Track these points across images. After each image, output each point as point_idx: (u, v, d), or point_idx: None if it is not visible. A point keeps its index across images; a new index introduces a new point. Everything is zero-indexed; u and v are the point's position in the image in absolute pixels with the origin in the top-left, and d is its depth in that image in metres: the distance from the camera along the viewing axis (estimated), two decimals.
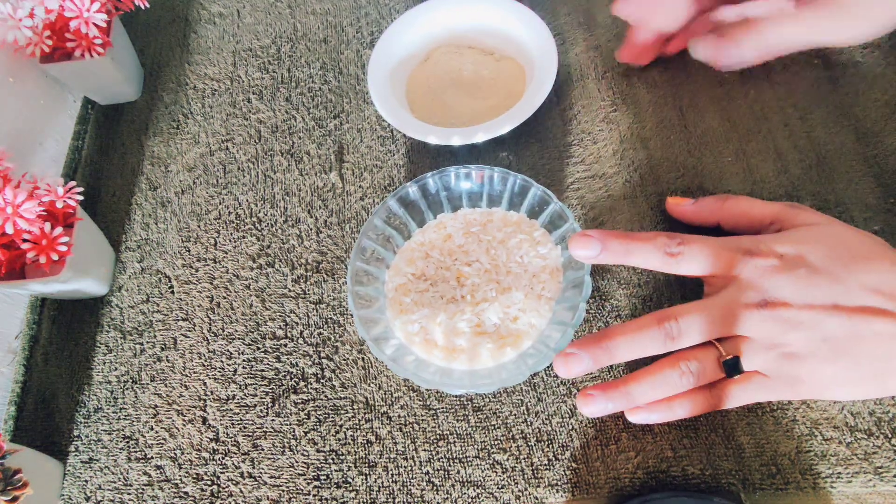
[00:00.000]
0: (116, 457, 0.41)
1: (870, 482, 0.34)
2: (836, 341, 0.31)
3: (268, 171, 0.50)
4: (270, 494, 0.39)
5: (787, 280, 0.32)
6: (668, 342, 0.33)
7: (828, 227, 0.34)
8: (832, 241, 0.33)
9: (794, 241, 0.33)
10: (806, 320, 0.31)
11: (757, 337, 0.32)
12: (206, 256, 0.47)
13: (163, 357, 0.44)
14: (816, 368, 0.31)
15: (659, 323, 0.33)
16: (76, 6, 0.46)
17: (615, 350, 0.33)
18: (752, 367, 0.32)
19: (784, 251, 0.33)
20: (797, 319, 0.31)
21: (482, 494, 0.37)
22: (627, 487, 0.35)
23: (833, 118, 0.44)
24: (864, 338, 0.30)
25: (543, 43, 0.46)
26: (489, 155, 0.47)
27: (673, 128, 0.46)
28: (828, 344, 0.31)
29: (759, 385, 0.33)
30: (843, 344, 0.31)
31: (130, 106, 0.55)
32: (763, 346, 0.32)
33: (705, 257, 0.33)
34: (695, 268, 0.34)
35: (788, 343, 0.31)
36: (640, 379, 0.34)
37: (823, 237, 0.33)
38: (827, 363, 0.31)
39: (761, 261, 0.32)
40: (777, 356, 0.32)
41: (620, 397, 0.34)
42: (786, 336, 0.31)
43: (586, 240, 0.34)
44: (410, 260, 0.41)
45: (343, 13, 0.56)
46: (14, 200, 0.38)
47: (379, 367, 0.41)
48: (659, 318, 0.33)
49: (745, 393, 0.33)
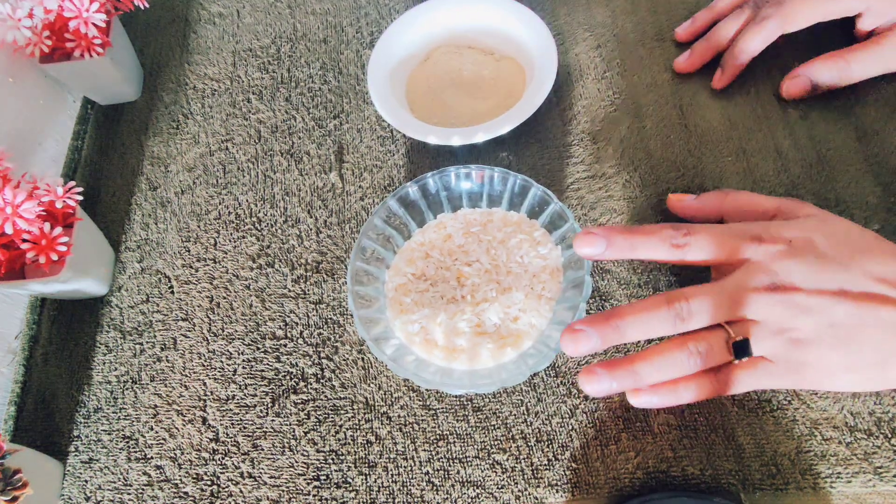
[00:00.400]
0: (116, 457, 0.41)
1: (870, 482, 0.34)
2: (842, 328, 0.31)
3: (268, 171, 0.49)
4: (270, 494, 0.39)
5: (797, 264, 0.32)
6: (677, 322, 0.32)
7: (832, 218, 0.34)
8: (836, 231, 0.33)
9: (800, 228, 0.33)
10: (814, 305, 0.31)
11: (765, 321, 0.32)
12: (206, 256, 0.47)
13: (163, 357, 0.44)
14: (822, 355, 0.31)
15: (668, 303, 0.32)
16: (75, 6, 0.46)
17: (625, 328, 0.32)
18: (759, 351, 0.32)
19: (792, 236, 0.33)
20: (806, 304, 0.31)
21: (482, 494, 0.37)
22: (627, 487, 0.35)
23: (833, 117, 0.44)
24: (869, 325, 0.31)
25: (543, 43, 0.46)
26: (489, 155, 0.47)
27: (673, 128, 0.46)
28: (834, 330, 0.31)
29: (765, 371, 0.33)
30: (849, 331, 0.31)
31: (130, 106, 0.55)
32: (771, 330, 0.32)
33: (712, 244, 0.33)
34: (702, 256, 0.34)
35: (796, 328, 0.31)
36: (648, 358, 0.33)
37: (828, 227, 0.33)
38: (832, 350, 0.31)
39: (770, 246, 0.32)
40: (784, 341, 0.32)
41: (626, 376, 0.33)
42: (794, 321, 0.31)
43: (590, 237, 0.34)
44: (410, 260, 0.41)
45: (343, 13, 0.56)
46: (14, 200, 0.38)
47: (379, 367, 0.41)
48: (668, 299, 0.32)
49: (751, 378, 0.33)
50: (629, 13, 0.51)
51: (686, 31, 0.48)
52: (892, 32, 0.41)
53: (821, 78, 0.43)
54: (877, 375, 0.32)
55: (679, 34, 0.49)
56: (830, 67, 0.42)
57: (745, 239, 0.33)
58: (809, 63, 0.43)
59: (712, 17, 0.47)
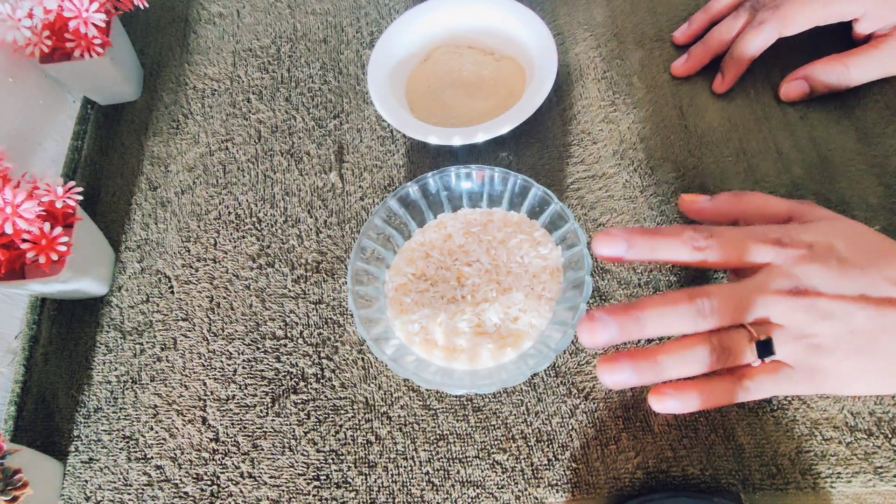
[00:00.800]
0: (116, 457, 0.41)
1: (870, 482, 0.34)
2: (861, 334, 0.31)
3: (268, 171, 0.49)
4: (270, 494, 0.39)
5: (819, 269, 0.31)
6: (698, 319, 0.32)
7: (847, 222, 0.34)
8: (853, 235, 0.33)
9: (820, 232, 0.33)
10: (836, 311, 0.31)
11: (787, 325, 0.32)
12: (206, 256, 0.47)
13: (163, 357, 0.44)
14: (841, 361, 0.31)
15: (690, 299, 0.32)
16: (75, 6, 0.46)
17: (646, 321, 0.32)
18: (780, 355, 0.32)
19: (812, 240, 0.32)
20: (828, 310, 0.31)
21: (482, 494, 0.37)
22: (627, 487, 0.35)
23: (833, 118, 0.44)
24: (889, 331, 0.30)
25: (543, 43, 0.46)
26: (489, 155, 0.47)
27: (673, 128, 0.46)
28: (853, 337, 0.31)
29: (786, 377, 0.32)
30: (869, 336, 0.31)
31: (130, 106, 0.55)
32: (792, 335, 0.32)
33: (733, 248, 0.33)
34: (723, 258, 0.33)
35: (817, 334, 0.31)
36: (671, 350, 0.32)
37: (847, 231, 0.33)
38: (851, 356, 0.31)
39: (791, 250, 0.32)
40: (805, 347, 0.31)
41: (649, 368, 0.32)
42: (815, 326, 0.31)
43: (610, 238, 0.33)
44: (411, 260, 0.41)
45: (343, 13, 0.56)
46: (14, 200, 0.38)
47: (379, 367, 0.41)
48: (690, 294, 0.32)
49: (773, 384, 0.32)
50: (629, 13, 0.51)
51: (684, 34, 0.48)
52: (890, 37, 0.41)
53: (819, 81, 0.43)
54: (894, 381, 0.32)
55: (677, 38, 0.49)
56: (829, 71, 0.43)
57: (767, 242, 0.33)
58: (808, 66, 0.43)
59: (709, 19, 0.47)
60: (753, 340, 0.32)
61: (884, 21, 0.41)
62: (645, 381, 0.32)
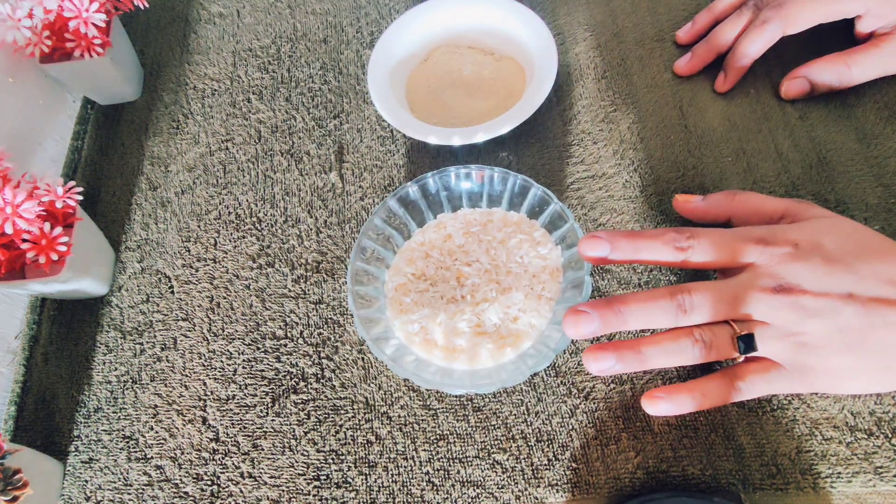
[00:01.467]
0: (116, 457, 0.41)
1: (870, 482, 0.34)
2: (850, 331, 0.31)
3: (268, 171, 0.49)
4: (270, 494, 0.39)
5: (803, 267, 0.32)
6: (679, 314, 0.32)
7: (839, 220, 0.34)
8: (844, 233, 0.33)
9: (807, 230, 0.33)
10: (822, 308, 0.31)
11: (773, 323, 0.32)
12: (206, 256, 0.47)
13: (163, 357, 0.44)
14: (830, 359, 0.31)
15: (671, 295, 0.32)
16: (75, 6, 0.46)
17: (627, 314, 0.33)
18: (766, 352, 0.32)
19: (798, 239, 0.33)
20: (814, 307, 0.31)
21: (482, 494, 0.37)
22: (627, 487, 0.35)
23: (833, 118, 0.44)
24: (878, 328, 0.30)
25: (543, 43, 0.46)
26: (489, 155, 0.47)
27: (673, 128, 0.46)
28: (842, 334, 0.31)
29: (777, 375, 0.33)
30: (858, 334, 0.31)
31: (130, 106, 0.55)
32: (779, 333, 0.32)
33: (717, 248, 0.33)
34: (706, 259, 0.34)
35: (804, 332, 0.31)
36: (654, 341, 0.33)
37: (836, 229, 0.33)
38: (840, 354, 0.31)
39: (775, 249, 0.32)
40: (792, 345, 0.32)
41: (632, 357, 0.33)
42: (802, 325, 0.31)
43: (595, 241, 0.34)
44: (410, 260, 0.41)
45: (343, 13, 0.56)
46: (14, 200, 0.38)
47: (379, 367, 0.41)
48: (672, 291, 0.33)
49: (764, 382, 0.33)
50: (629, 13, 0.51)
51: (687, 33, 0.48)
52: (891, 36, 0.41)
53: (820, 80, 0.43)
54: (886, 378, 0.32)
55: (680, 37, 0.49)
56: (830, 69, 0.43)
57: (750, 242, 0.33)
58: (809, 64, 0.43)
59: (712, 18, 0.47)
60: (736, 336, 0.32)
61: (885, 19, 0.41)
62: (629, 369, 0.33)
